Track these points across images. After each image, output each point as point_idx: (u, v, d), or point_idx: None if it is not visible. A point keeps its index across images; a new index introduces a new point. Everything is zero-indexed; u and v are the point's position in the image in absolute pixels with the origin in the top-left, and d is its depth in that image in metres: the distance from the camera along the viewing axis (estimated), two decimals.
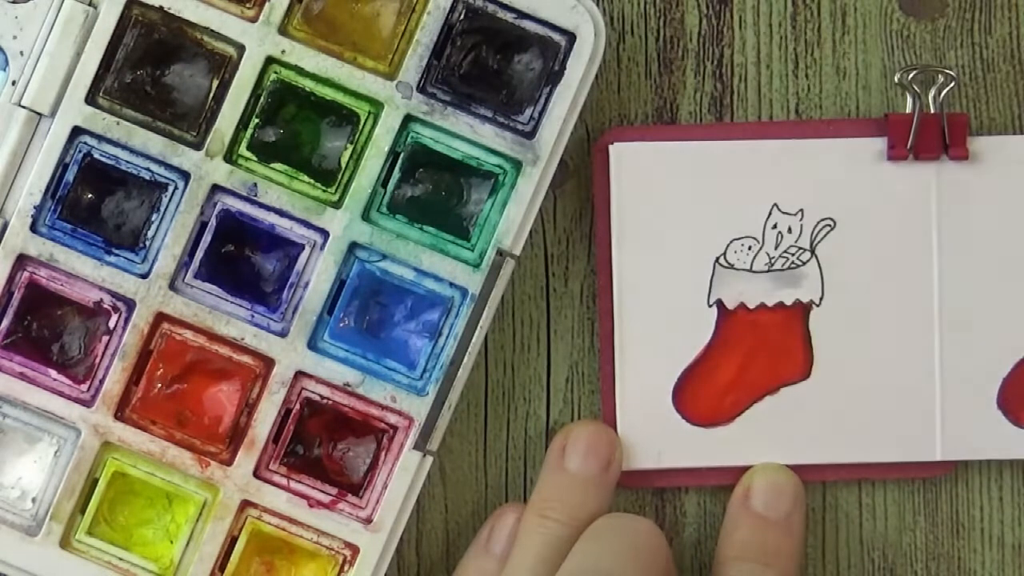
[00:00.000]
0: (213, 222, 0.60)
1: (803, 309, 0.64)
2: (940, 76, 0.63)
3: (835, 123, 0.64)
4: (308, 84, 0.60)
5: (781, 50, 0.64)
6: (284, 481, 0.61)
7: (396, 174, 0.61)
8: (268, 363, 0.61)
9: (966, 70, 0.64)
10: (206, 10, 0.60)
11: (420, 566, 0.65)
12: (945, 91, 0.63)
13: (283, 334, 0.61)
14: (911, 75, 0.63)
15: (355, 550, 0.61)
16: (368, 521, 0.61)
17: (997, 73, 0.64)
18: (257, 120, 0.60)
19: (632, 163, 0.63)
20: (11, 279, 0.60)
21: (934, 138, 0.63)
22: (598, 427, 0.63)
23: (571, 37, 0.60)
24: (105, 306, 0.61)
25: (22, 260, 0.60)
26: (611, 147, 0.63)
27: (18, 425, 0.61)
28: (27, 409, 0.61)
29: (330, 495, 0.61)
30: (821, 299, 0.63)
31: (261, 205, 0.60)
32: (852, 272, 0.63)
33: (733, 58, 0.64)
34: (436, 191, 0.61)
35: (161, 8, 0.60)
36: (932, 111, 0.63)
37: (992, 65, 0.64)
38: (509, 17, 0.60)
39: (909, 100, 0.63)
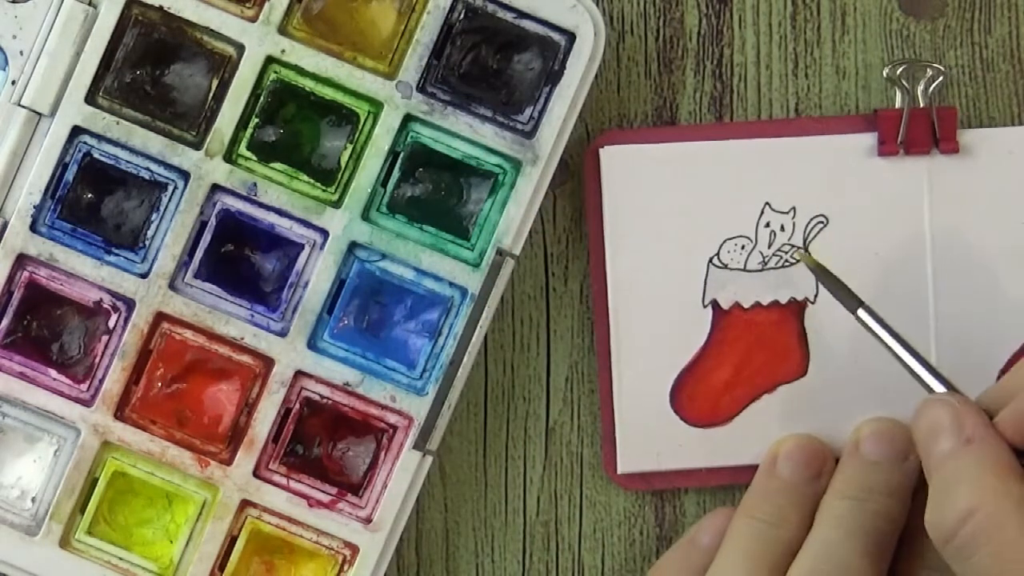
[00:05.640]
0: (213, 222, 0.60)
1: (798, 307, 0.64)
2: (929, 70, 0.63)
3: (825, 120, 0.64)
4: (308, 84, 0.60)
5: (781, 50, 0.64)
6: (284, 481, 0.61)
7: (396, 174, 0.61)
8: (268, 363, 0.60)
9: (966, 70, 0.64)
10: (206, 10, 0.60)
11: (420, 566, 0.65)
12: (934, 85, 0.63)
13: (283, 334, 0.61)
14: (899, 70, 0.63)
15: (355, 550, 0.61)
16: (368, 521, 0.61)
17: (997, 73, 0.65)
18: (257, 120, 0.60)
19: (623, 166, 0.63)
20: (11, 279, 0.60)
21: (924, 132, 0.63)
22: (811, 439, 0.62)
23: (571, 37, 0.60)
24: (105, 306, 0.60)
25: (22, 260, 0.60)
26: (602, 151, 0.63)
27: (18, 425, 0.61)
28: (27, 409, 0.60)
29: (330, 495, 0.61)
30: (816, 296, 0.64)
31: (261, 205, 0.60)
32: (846, 268, 0.63)
33: (733, 58, 0.64)
34: (436, 191, 0.61)
35: (161, 8, 0.60)
36: (921, 105, 0.63)
37: (992, 65, 0.65)
38: (509, 17, 0.60)
39: (898, 95, 0.64)
